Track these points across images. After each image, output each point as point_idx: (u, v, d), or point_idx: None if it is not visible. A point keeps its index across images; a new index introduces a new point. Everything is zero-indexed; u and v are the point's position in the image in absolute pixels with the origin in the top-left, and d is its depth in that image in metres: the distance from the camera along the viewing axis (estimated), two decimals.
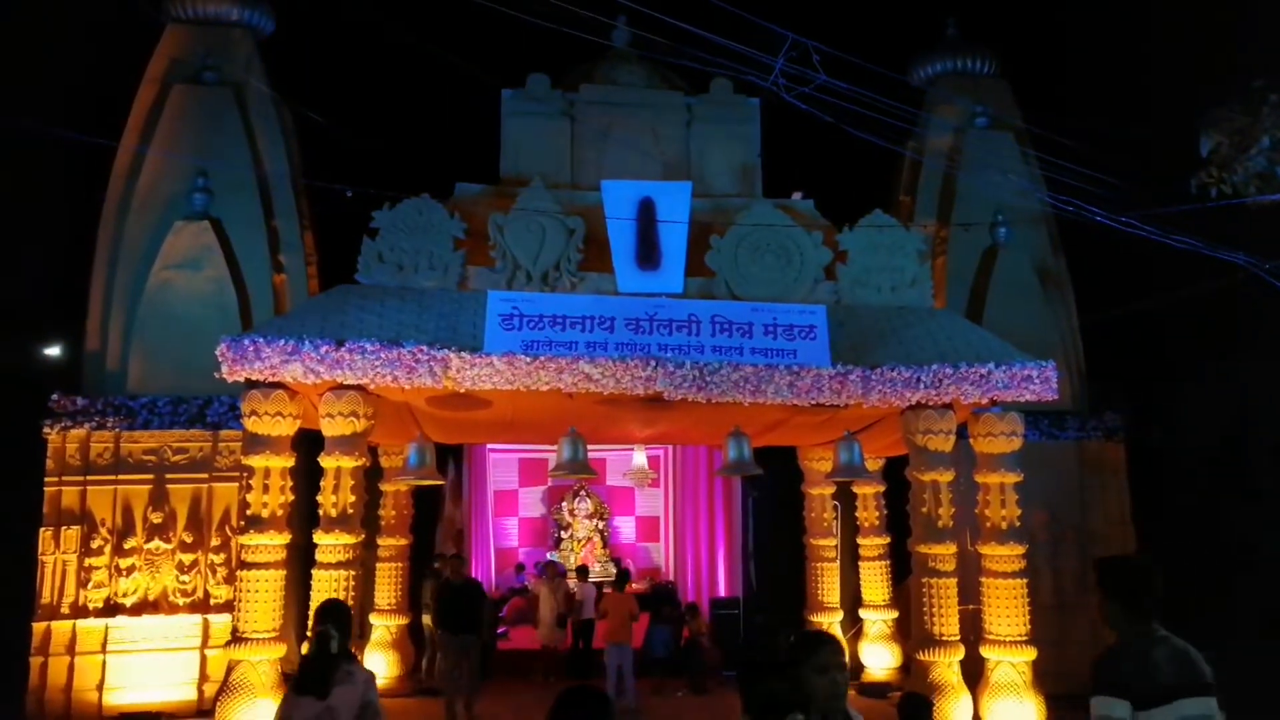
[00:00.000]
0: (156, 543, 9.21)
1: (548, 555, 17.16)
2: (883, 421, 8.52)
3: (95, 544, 9.13)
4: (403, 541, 10.02)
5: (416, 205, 7.97)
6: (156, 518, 9.24)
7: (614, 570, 13.91)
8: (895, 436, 8.47)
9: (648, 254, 8.04)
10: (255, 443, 7.37)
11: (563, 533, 17.65)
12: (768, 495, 11.41)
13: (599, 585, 12.29)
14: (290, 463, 7.54)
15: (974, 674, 8.05)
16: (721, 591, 12.99)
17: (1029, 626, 8.10)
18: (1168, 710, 3.04)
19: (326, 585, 7.10)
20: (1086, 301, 11.38)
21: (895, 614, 10.26)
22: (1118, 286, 11.05)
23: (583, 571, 11.14)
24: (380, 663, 9.48)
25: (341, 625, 3.99)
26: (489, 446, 15.86)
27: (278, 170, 10.72)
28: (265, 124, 10.64)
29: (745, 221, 8.35)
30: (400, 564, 9.99)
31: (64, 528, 9.07)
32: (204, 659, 9.11)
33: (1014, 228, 10.86)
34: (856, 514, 10.56)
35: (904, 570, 9.05)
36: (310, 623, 4.55)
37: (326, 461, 7.36)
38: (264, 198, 10.50)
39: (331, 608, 4.03)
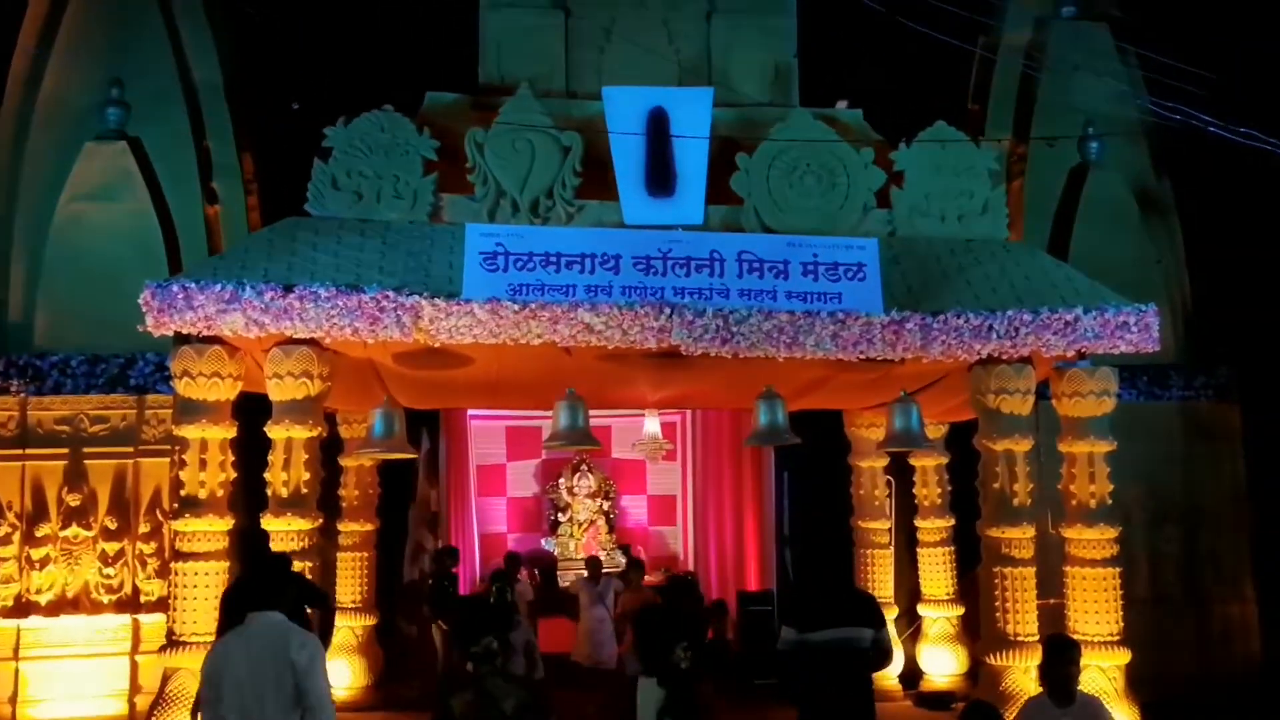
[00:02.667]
0: (74, 529, 9.30)
1: (542, 542, 17.30)
2: (946, 379, 8.47)
3: (1, 532, 9.21)
4: (368, 527, 10.10)
5: (378, 120, 7.90)
6: (73, 500, 9.31)
7: (621, 561, 13.98)
8: (962, 398, 8.43)
9: (660, 177, 7.97)
10: (189, 409, 7.38)
11: (560, 516, 17.71)
12: (806, 469, 11.42)
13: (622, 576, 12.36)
14: (231, 433, 7.56)
15: None
16: (751, 585, 13.08)
17: (1122, 624, 8.13)
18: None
19: None
20: (1196, 233, 11.26)
21: (960, 610, 10.32)
22: (1234, 215, 10.94)
23: (594, 565, 11.19)
24: (344, 670, 9.59)
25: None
26: (470, 413, 15.86)
27: (209, 79, 10.64)
28: (193, 22, 10.55)
29: (779, 136, 8.25)
30: (365, 554, 10.09)
31: None
32: (135, 666, 9.23)
33: (1108, 142, 10.71)
34: (914, 491, 10.58)
35: (971, 558, 9.09)
36: None
37: (275, 431, 7.38)
38: (193, 113, 10.43)
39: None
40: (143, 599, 9.29)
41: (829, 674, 5.59)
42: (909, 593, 10.79)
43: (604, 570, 11.82)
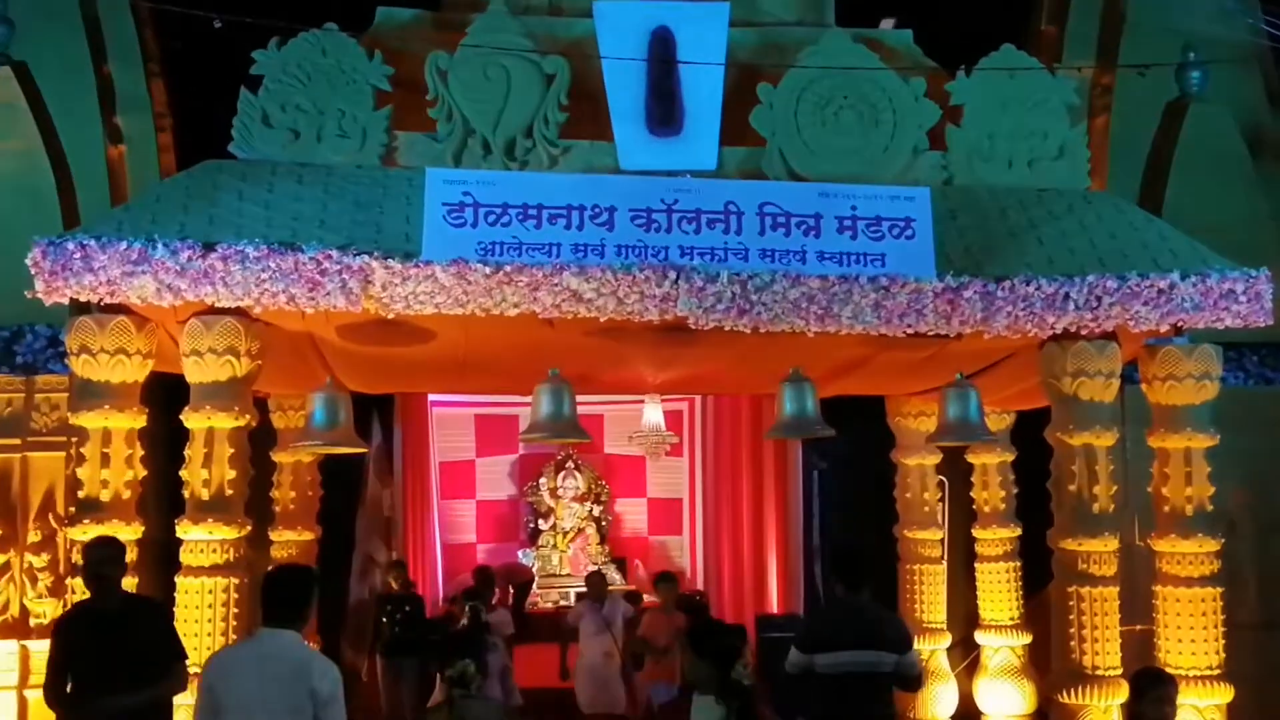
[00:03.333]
0: None
1: (519, 554, 17.37)
2: (1013, 359, 8.50)
3: None
4: (307, 535, 10.12)
5: (318, 42, 7.86)
6: None
7: (618, 579, 14.05)
8: (1030, 381, 8.45)
9: (664, 112, 7.95)
10: (89, 393, 7.37)
11: (541, 523, 17.84)
12: (841, 467, 11.45)
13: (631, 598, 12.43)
14: (140, 422, 7.56)
15: None
16: (773, 607, 13.13)
17: (1223, 655, 8.16)
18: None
19: (196, 598, 7.17)
20: None
21: (1028, 638, 10.36)
22: None
23: (596, 584, 11.15)
24: None
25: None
26: (432, 399, 15.91)
27: None
28: None
29: (811, 62, 8.23)
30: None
31: None
32: (24, 703, 9.26)
33: (1213, 71, 10.67)
34: (973, 494, 10.62)
35: (1041, 575, 9.11)
36: None
37: (193, 420, 7.38)
38: (91, 32, 10.37)
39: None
40: (33, 622, 9.30)
41: (844, 705, 5.98)
42: (965, 617, 10.83)
43: (609, 588, 11.83)
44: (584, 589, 16.55)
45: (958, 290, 7.44)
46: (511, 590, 15.58)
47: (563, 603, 16.94)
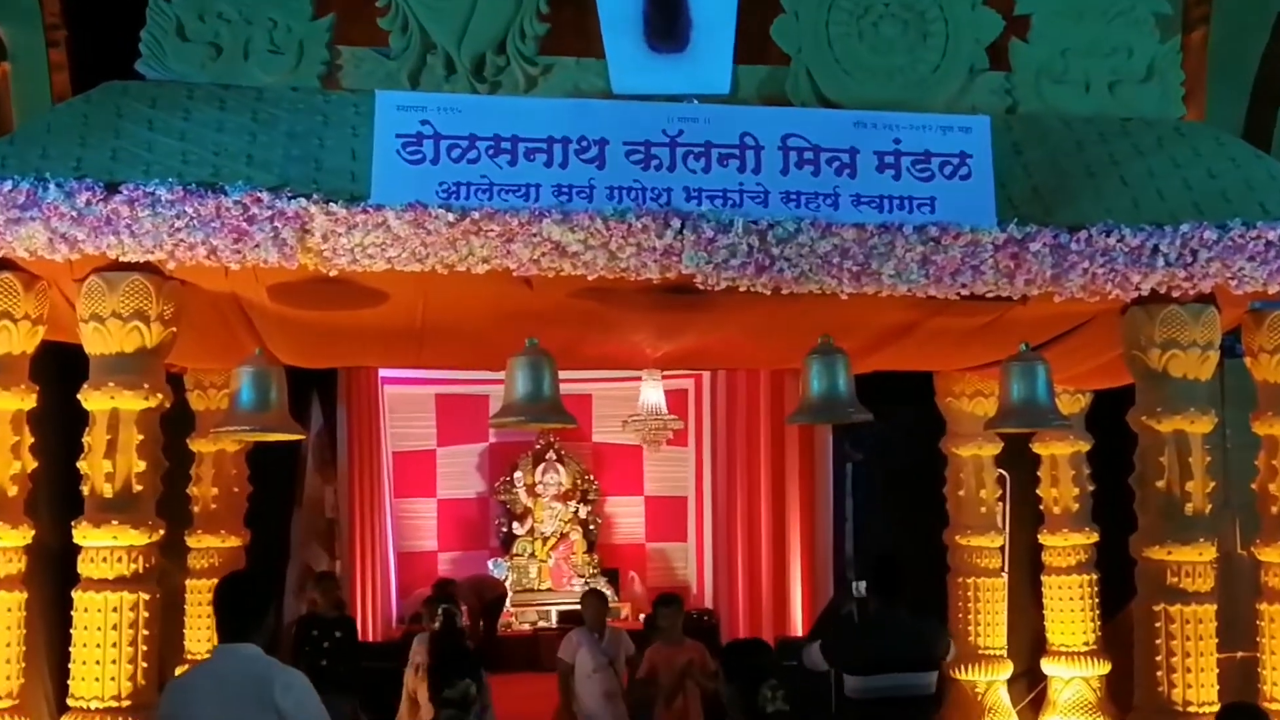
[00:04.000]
0: None
1: (489, 565, 17.41)
2: (1089, 327, 8.53)
3: None
4: (232, 541, 10.13)
5: None
6: None
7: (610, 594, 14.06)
8: (1110, 354, 8.48)
9: (666, 23, 7.89)
10: None
11: (516, 526, 17.90)
12: (880, 459, 11.48)
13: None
14: (28, 402, 7.56)
15: None
16: (798, 628, 13.18)
17: None
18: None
19: (97, 617, 7.16)
20: None
21: (1105, 667, 10.41)
22: None
23: (595, 606, 10.80)
24: None
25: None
26: (383, 374, 15.95)
27: None
28: None
29: None
30: None
31: None
32: None
33: None
34: (1040, 492, 10.66)
35: (1122, 591, 9.13)
36: None
37: (94, 400, 7.37)
38: None
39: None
40: None
41: None
42: (1030, 641, 10.87)
43: (609, 609, 11.59)
44: (568, 606, 16.67)
45: (1023, 242, 7.40)
46: (480, 608, 15.64)
47: (542, 624, 17.05)
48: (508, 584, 17.33)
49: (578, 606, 16.87)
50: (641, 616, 16.74)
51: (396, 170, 7.23)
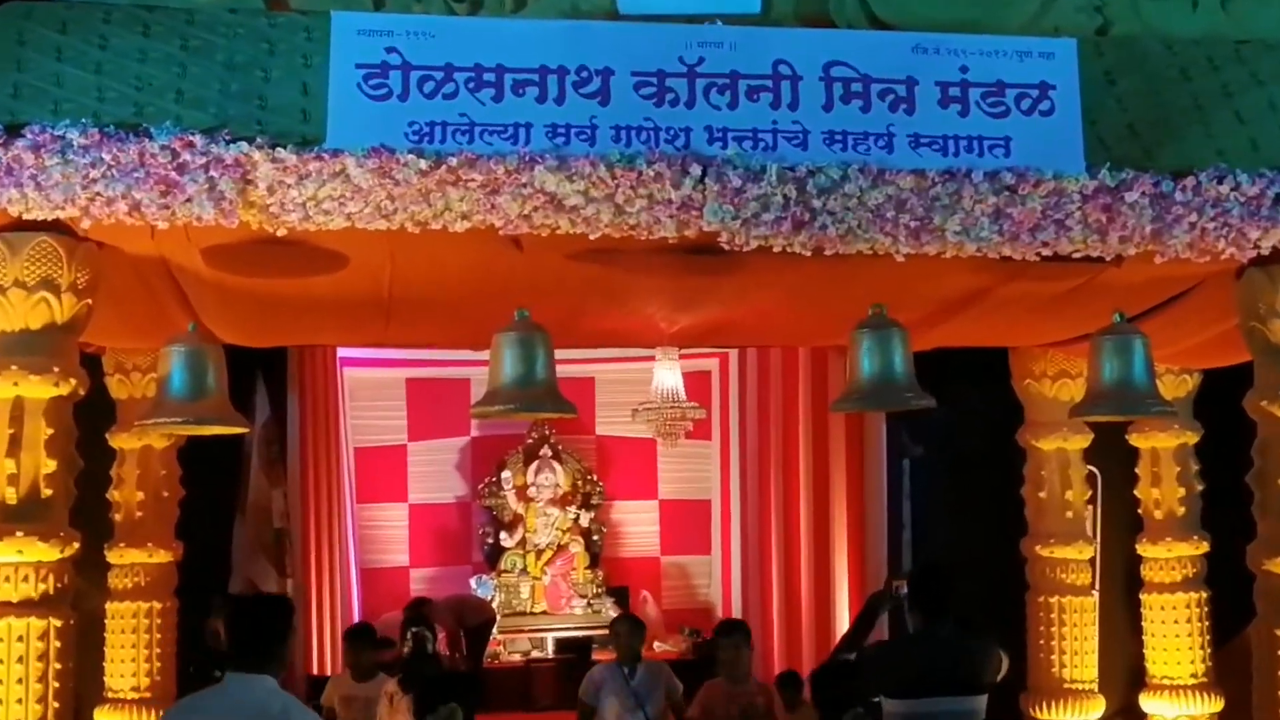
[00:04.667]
0: None
1: (471, 583, 17.46)
2: (1197, 293, 8.53)
3: None
4: (162, 556, 10.17)
5: None
6: None
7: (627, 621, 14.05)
8: (1222, 326, 8.51)
9: None
10: None
11: (504, 537, 17.89)
12: (944, 454, 11.48)
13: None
14: None
15: None
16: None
17: None
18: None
19: (1, 648, 7.16)
20: None
21: (1218, 704, 10.43)
22: None
23: (628, 635, 10.63)
24: None
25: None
26: (343, 355, 15.96)
27: None
28: None
29: None
30: (158, 603, 10.20)
31: None
32: None
33: None
34: (1138, 493, 10.68)
35: (1236, 611, 9.17)
36: None
37: None
38: None
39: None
40: None
41: None
42: (1126, 673, 10.89)
43: (642, 637, 11.34)
44: (567, 632, 16.75)
45: (1117, 191, 7.39)
46: (463, 636, 15.68)
47: (536, 654, 17.09)
48: (495, 606, 17.34)
49: (578, 633, 17.13)
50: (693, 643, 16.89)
51: (357, 108, 7.20)
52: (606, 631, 12.72)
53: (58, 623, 7.29)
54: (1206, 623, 10.44)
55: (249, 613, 6.32)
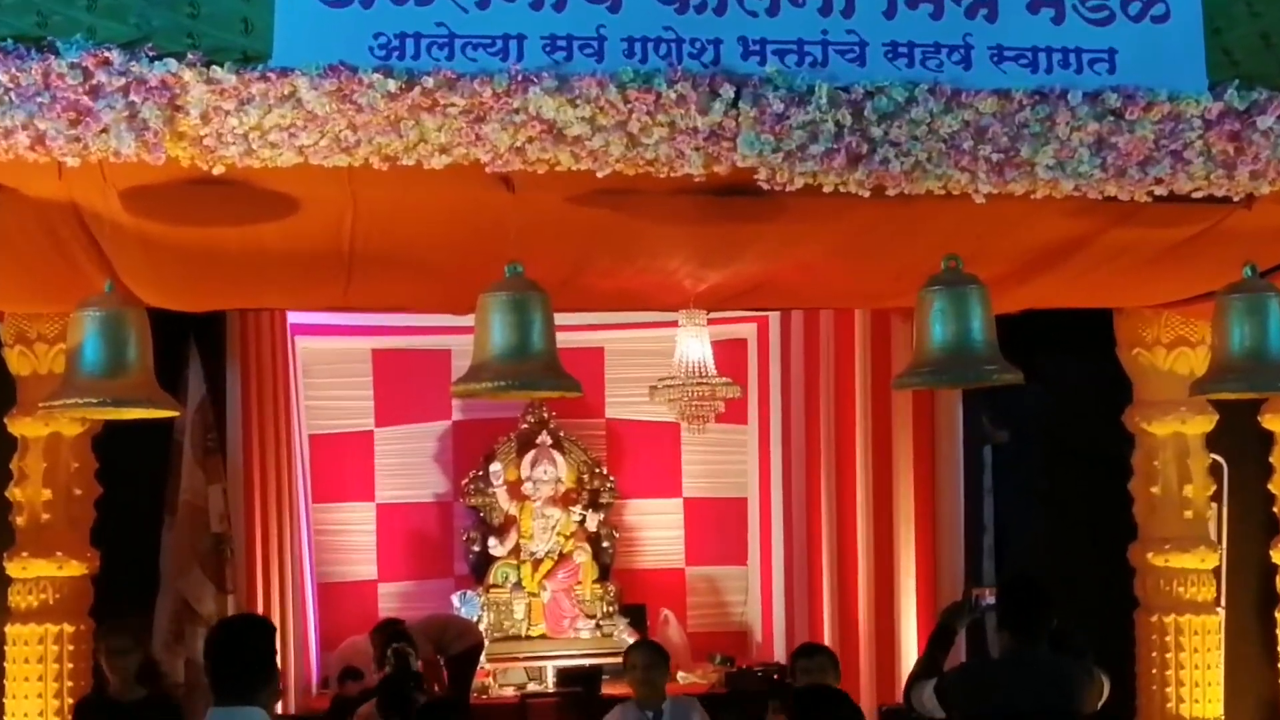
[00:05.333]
0: None
1: (453, 600, 17.49)
2: None
3: None
4: (74, 568, 10.23)
5: None
6: None
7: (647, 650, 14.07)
8: None
9: None
10: None
11: (494, 544, 17.90)
12: (1034, 440, 11.49)
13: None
14: None
15: None
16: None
17: None
18: None
19: None
20: None
21: None
22: None
23: (647, 661, 10.64)
24: None
25: None
26: (294, 321, 15.96)
27: None
28: None
29: None
30: (70, 626, 10.27)
31: None
32: None
33: None
34: (1273, 487, 10.65)
35: None
36: None
37: None
38: None
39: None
40: None
41: None
42: (1262, 707, 10.89)
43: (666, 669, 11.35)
44: (570, 659, 16.78)
45: (1247, 115, 7.35)
46: (443, 665, 15.68)
47: (533, 687, 17.10)
48: (482, 629, 17.34)
49: (582, 660, 17.14)
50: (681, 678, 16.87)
51: (310, 17, 7.16)
52: (620, 660, 12.67)
53: None
54: None
55: (232, 639, 6.54)
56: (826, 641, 15.57)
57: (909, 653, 13.59)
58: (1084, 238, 8.34)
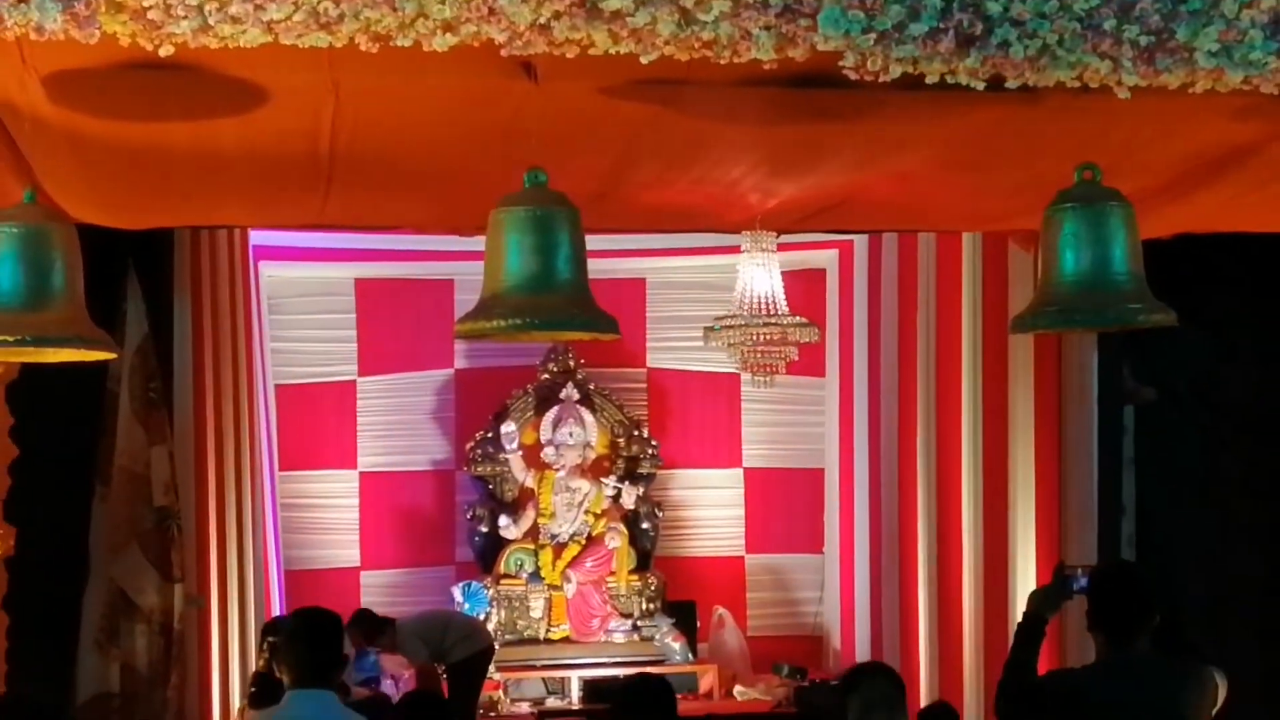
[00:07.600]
0: None
1: (455, 593, 17.55)
2: None
3: None
4: None
5: None
6: None
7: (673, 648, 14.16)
8: None
9: None
10: None
11: (507, 524, 17.91)
12: (1190, 400, 11.50)
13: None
14: None
15: None
16: None
17: None
18: None
19: None
20: None
21: None
22: None
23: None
24: None
25: None
26: (258, 242, 16.00)
27: None
28: None
29: None
30: None
31: None
32: None
33: None
34: None
35: None
36: None
37: None
38: None
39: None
40: None
41: None
42: None
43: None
44: (600, 668, 16.90)
45: None
46: (443, 675, 15.75)
47: (553, 702, 17.16)
48: (491, 629, 17.38)
49: (615, 670, 17.10)
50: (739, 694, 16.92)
51: None
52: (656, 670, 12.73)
53: None
54: None
55: (307, 624, 7.85)
56: (922, 651, 15.69)
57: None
58: (1254, 144, 8.31)
